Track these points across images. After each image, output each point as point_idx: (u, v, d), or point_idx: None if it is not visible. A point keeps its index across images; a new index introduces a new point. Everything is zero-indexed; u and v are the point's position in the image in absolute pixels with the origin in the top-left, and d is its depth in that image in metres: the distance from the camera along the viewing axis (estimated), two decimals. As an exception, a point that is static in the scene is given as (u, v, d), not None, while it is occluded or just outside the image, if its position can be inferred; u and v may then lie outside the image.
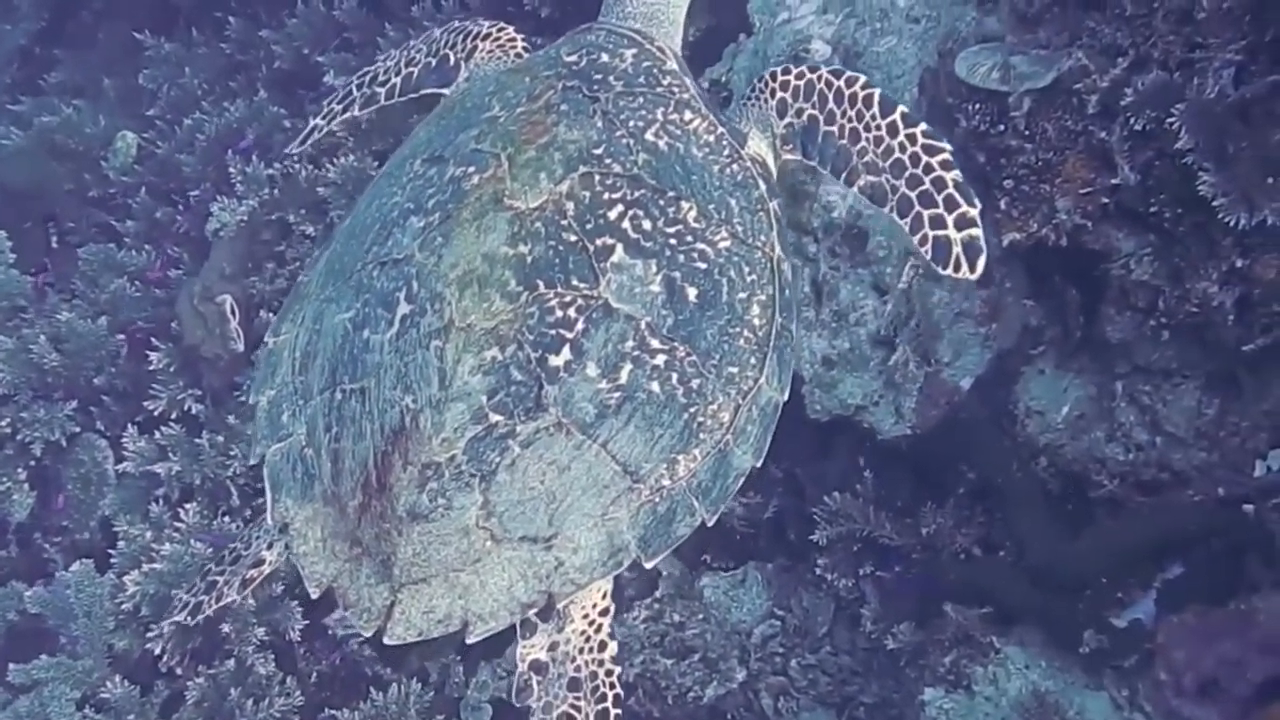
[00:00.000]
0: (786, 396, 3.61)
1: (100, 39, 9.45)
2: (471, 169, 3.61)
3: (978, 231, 3.57)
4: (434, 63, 4.38)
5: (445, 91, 4.31)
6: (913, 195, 3.65)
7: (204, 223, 7.62)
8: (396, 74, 4.51)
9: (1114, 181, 5.18)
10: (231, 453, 6.53)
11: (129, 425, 6.86)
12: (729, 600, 6.17)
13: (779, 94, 3.89)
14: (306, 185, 7.33)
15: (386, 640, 3.38)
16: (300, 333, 3.77)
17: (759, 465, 3.55)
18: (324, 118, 4.74)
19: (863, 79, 3.80)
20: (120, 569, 6.52)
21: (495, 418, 3.33)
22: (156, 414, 6.77)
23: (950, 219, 3.60)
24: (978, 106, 5.33)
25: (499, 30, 4.31)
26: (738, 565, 6.31)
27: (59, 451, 7.07)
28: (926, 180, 3.65)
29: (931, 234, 3.62)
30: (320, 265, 3.90)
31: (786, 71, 3.88)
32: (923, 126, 3.70)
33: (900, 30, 5.60)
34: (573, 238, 3.47)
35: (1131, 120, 5.05)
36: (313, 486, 3.56)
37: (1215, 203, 4.85)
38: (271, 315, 6.84)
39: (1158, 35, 5.12)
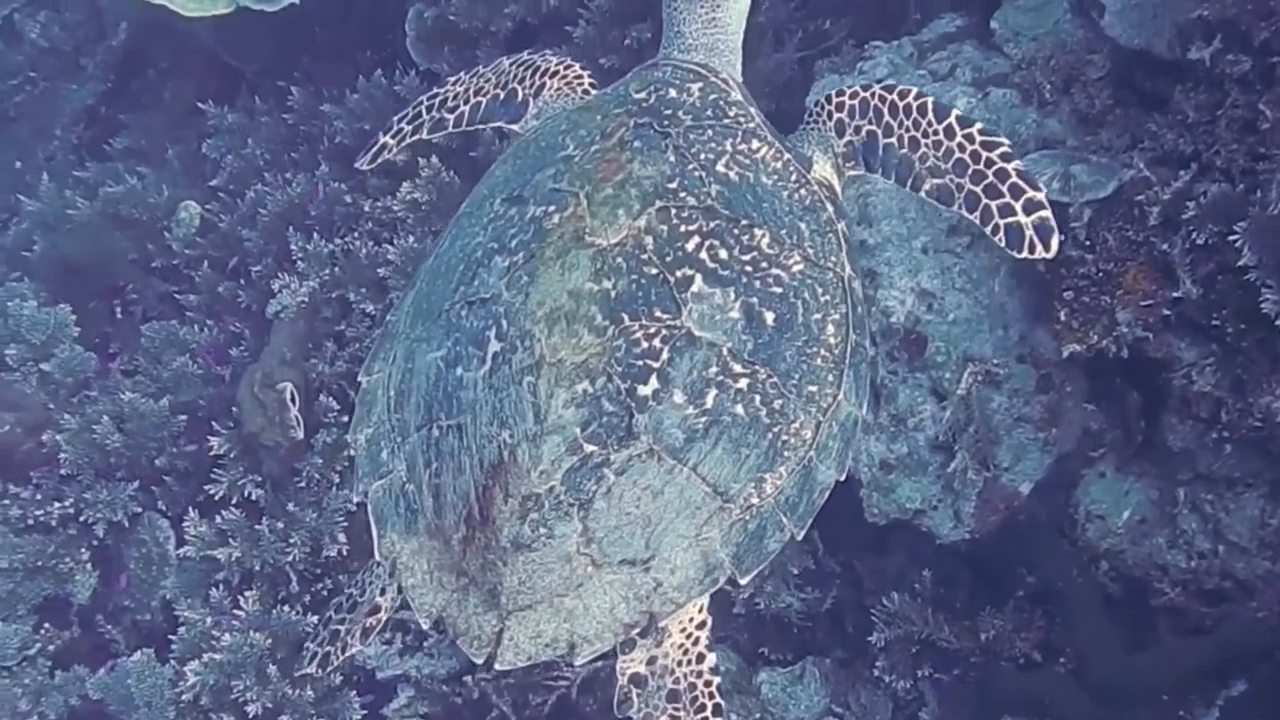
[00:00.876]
0: (865, 411, 3.76)
1: (166, 99, 9.48)
2: (551, 208, 3.72)
3: (1047, 213, 3.75)
4: (502, 95, 4.51)
5: (513, 127, 4.46)
6: (978, 190, 3.82)
7: (265, 298, 7.68)
8: (465, 102, 4.62)
9: (1175, 294, 5.07)
10: (291, 539, 6.54)
11: (190, 507, 6.87)
12: (786, 697, 6.15)
13: (836, 115, 4.05)
14: (367, 263, 7.35)
15: (497, 666, 3.50)
16: (393, 371, 3.89)
17: (842, 479, 3.68)
18: (393, 136, 4.82)
19: (915, 90, 3.97)
20: (181, 656, 6.53)
21: (590, 448, 3.46)
22: (217, 498, 6.73)
23: (1018, 205, 3.78)
24: (1037, 215, 5.22)
25: (566, 68, 4.45)
26: (795, 659, 6.26)
27: (121, 531, 7.05)
28: (990, 174, 3.80)
29: (1002, 222, 3.79)
30: (407, 304, 4.01)
31: (841, 93, 4.05)
32: (979, 125, 3.87)
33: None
34: (653, 270, 3.60)
35: (1193, 234, 5.03)
36: (416, 521, 3.69)
37: (1279, 321, 4.82)
38: (332, 399, 6.95)
39: (1220, 143, 5.10)
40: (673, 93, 3.98)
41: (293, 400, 6.62)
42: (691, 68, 4.08)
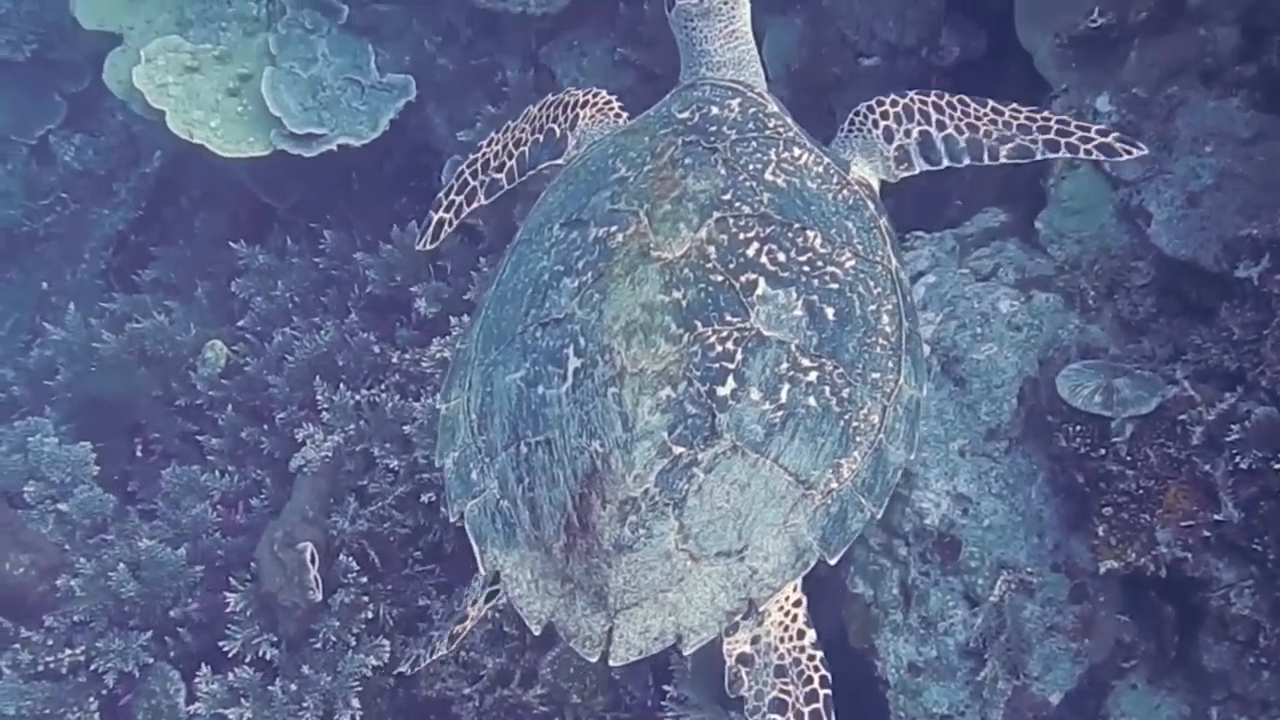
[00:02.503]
0: (925, 392, 4.07)
1: (197, 228, 9.49)
2: (614, 228, 3.96)
3: (1115, 134, 4.44)
4: (541, 139, 4.73)
5: (558, 162, 4.66)
6: (1052, 135, 4.38)
7: (288, 445, 7.64)
8: (509, 157, 4.82)
9: (1216, 517, 4.99)
10: (304, 703, 6.43)
11: (203, 662, 6.74)
12: None
13: (882, 123, 4.41)
14: (393, 418, 7.29)
15: (612, 662, 3.70)
16: (471, 396, 4.10)
17: (912, 457, 3.97)
18: (446, 209, 4.97)
19: (945, 92, 4.46)
20: (186, 817, 6.38)
21: (678, 450, 3.70)
22: (231, 655, 6.63)
23: (1093, 132, 4.39)
24: (1078, 428, 5.23)
25: (595, 96, 4.69)
26: None
27: (131, 682, 6.92)
28: (1052, 123, 4.37)
29: (1089, 146, 4.39)
30: (476, 332, 4.21)
31: (882, 103, 4.42)
32: (1014, 105, 4.45)
33: (1001, 337, 5.51)
34: (719, 278, 3.85)
35: (1237, 456, 4.94)
36: (515, 534, 3.89)
37: (1321, 551, 4.61)
38: (352, 559, 6.88)
39: (1266, 364, 5.03)
40: (714, 110, 4.26)
41: (312, 561, 6.51)
42: (727, 85, 4.37)
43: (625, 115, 4.67)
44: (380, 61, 8.34)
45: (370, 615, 6.56)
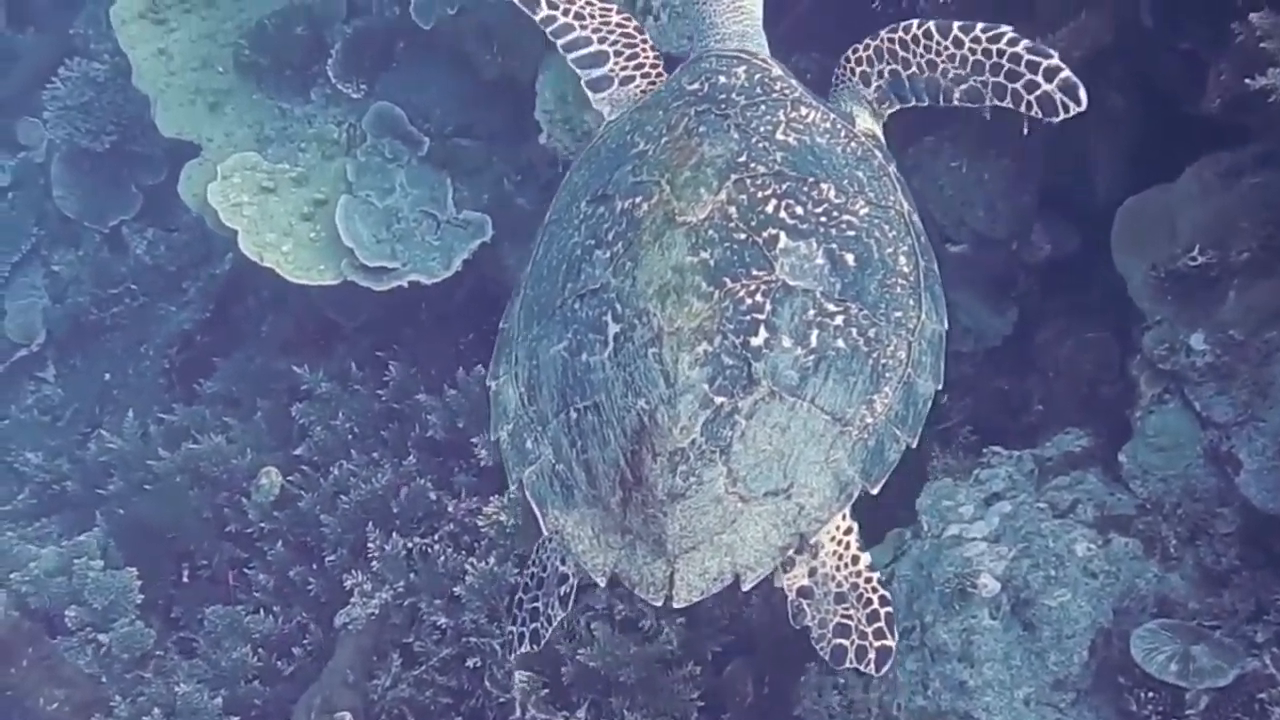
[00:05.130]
0: (946, 325, 4.18)
1: (264, 333, 9.37)
2: (639, 198, 4.10)
3: (1066, 71, 4.11)
4: (594, 53, 4.80)
5: (593, 94, 4.80)
6: (1000, 79, 4.21)
7: (336, 590, 7.52)
8: (572, 34, 4.85)
9: (1290, 802, 4.76)
10: None
11: (235, 820, 6.58)
12: None
13: (858, 69, 4.48)
14: (444, 573, 7.18)
15: (675, 604, 3.87)
16: (518, 371, 4.25)
17: (940, 388, 4.13)
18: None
19: (916, 21, 4.35)
20: None
21: (719, 400, 3.84)
22: (260, 819, 6.49)
23: (1039, 76, 4.14)
24: (1150, 694, 5.05)
25: (658, 74, 4.79)
26: None
27: (159, 832, 6.78)
28: (1004, 61, 4.19)
29: (1031, 98, 4.18)
30: (517, 310, 4.37)
31: (855, 50, 4.47)
32: (980, 25, 4.25)
33: (1076, 583, 5.33)
34: (742, 235, 3.98)
35: (1316, 742, 4.66)
36: (573, 495, 4.04)
37: None
38: (393, 734, 6.50)
39: (1351, 639, 4.73)
40: (722, 79, 4.36)
41: (351, 729, 6.35)
42: (732, 54, 4.47)
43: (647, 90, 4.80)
44: (458, 197, 8.19)
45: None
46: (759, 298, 3.91)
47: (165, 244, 10.21)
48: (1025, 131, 5.22)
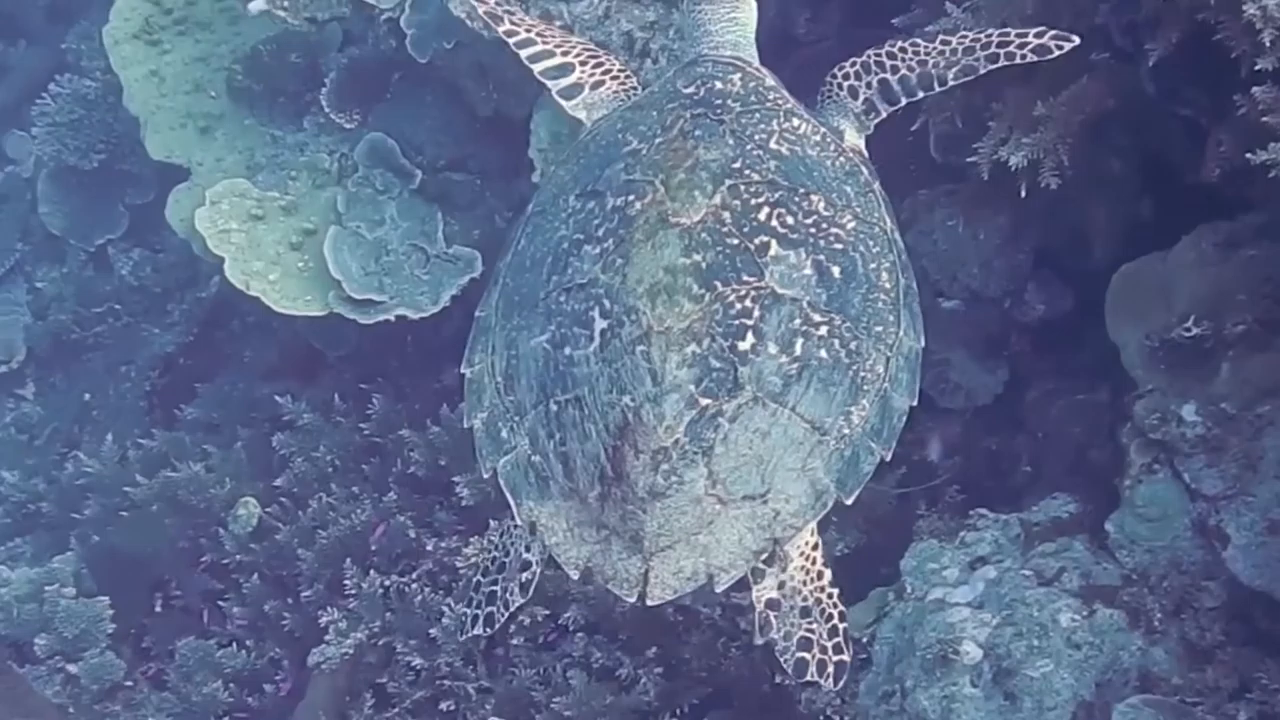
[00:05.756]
0: (923, 343, 4.23)
1: (246, 359, 9.29)
2: (631, 197, 4.13)
3: (1053, 30, 4.47)
4: (559, 65, 4.89)
5: (563, 102, 4.86)
6: (993, 49, 4.46)
7: (310, 625, 7.46)
8: (535, 47, 4.96)
9: None
10: None
11: None
12: None
13: (846, 84, 4.60)
14: (420, 612, 7.12)
15: (649, 602, 3.92)
16: (495, 360, 4.27)
17: (915, 404, 4.13)
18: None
19: (898, 40, 4.61)
20: None
21: (705, 401, 3.88)
22: None
23: (1030, 36, 4.47)
24: (1132, 772, 4.90)
25: (628, 76, 4.88)
26: None
27: None
28: (992, 38, 4.47)
29: (1024, 53, 4.45)
30: (495, 299, 4.39)
31: (843, 68, 4.62)
32: (959, 32, 4.57)
33: (1059, 654, 5.28)
34: (735, 241, 4.03)
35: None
36: (548, 487, 4.06)
37: None
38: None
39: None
40: (718, 84, 4.42)
41: (320, 775, 6.26)
42: (727, 61, 4.55)
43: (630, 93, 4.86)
44: (448, 231, 8.13)
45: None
46: (748, 303, 3.97)
47: (151, 265, 10.09)
48: (1023, 193, 5.20)
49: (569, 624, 6.72)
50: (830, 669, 4.19)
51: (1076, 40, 4.43)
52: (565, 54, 4.89)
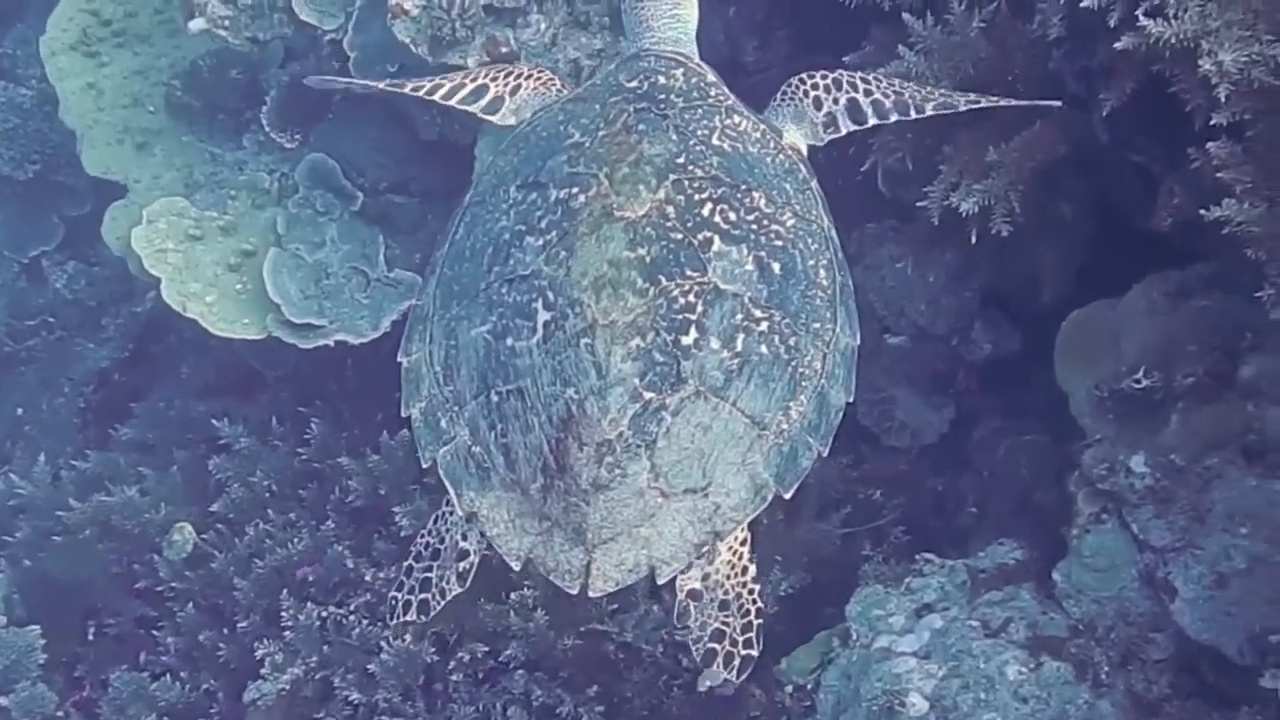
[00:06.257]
0: (859, 340, 4.39)
1: (183, 376, 9.13)
2: (575, 189, 4.24)
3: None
4: (474, 89, 4.99)
5: (490, 117, 5.01)
6: (971, 97, 4.91)
7: (246, 657, 7.33)
8: (444, 88, 5.08)
9: None
10: None
11: None
12: None
13: (813, 93, 4.75)
14: (358, 645, 6.99)
15: (591, 593, 4.05)
16: (433, 349, 4.37)
17: (850, 400, 4.29)
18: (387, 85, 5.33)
19: (873, 73, 4.92)
20: None
21: (648, 395, 4.00)
22: None
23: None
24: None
25: (540, 72, 5.03)
26: None
27: None
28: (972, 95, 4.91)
29: (1003, 103, 4.97)
30: (433, 289, 4.48)
31: (812, 77, 4.78)
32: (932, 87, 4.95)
33: (1006, 707, 5.26)
34: (679, 236, 4.14)
35: None
36: (489, 478, 4.18)
37: None
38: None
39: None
40: (661, 79, 4.55)
41: (253, 816, 6.14)
42: (670, 56, 4.69)
43: (564, 91, 4.94)
44: (389, 255, 7.99)
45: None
46: (692, 298, 4.06)
47: (86, 278, 9.92)
48: (973, 239, 5.13)
49: (509, 661, 6.60)
50: (736, 662, 4.28)
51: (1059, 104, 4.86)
52: (475, 80, 4.99)
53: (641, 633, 6.55)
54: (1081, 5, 4.85)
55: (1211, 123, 4.72)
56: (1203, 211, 4.71)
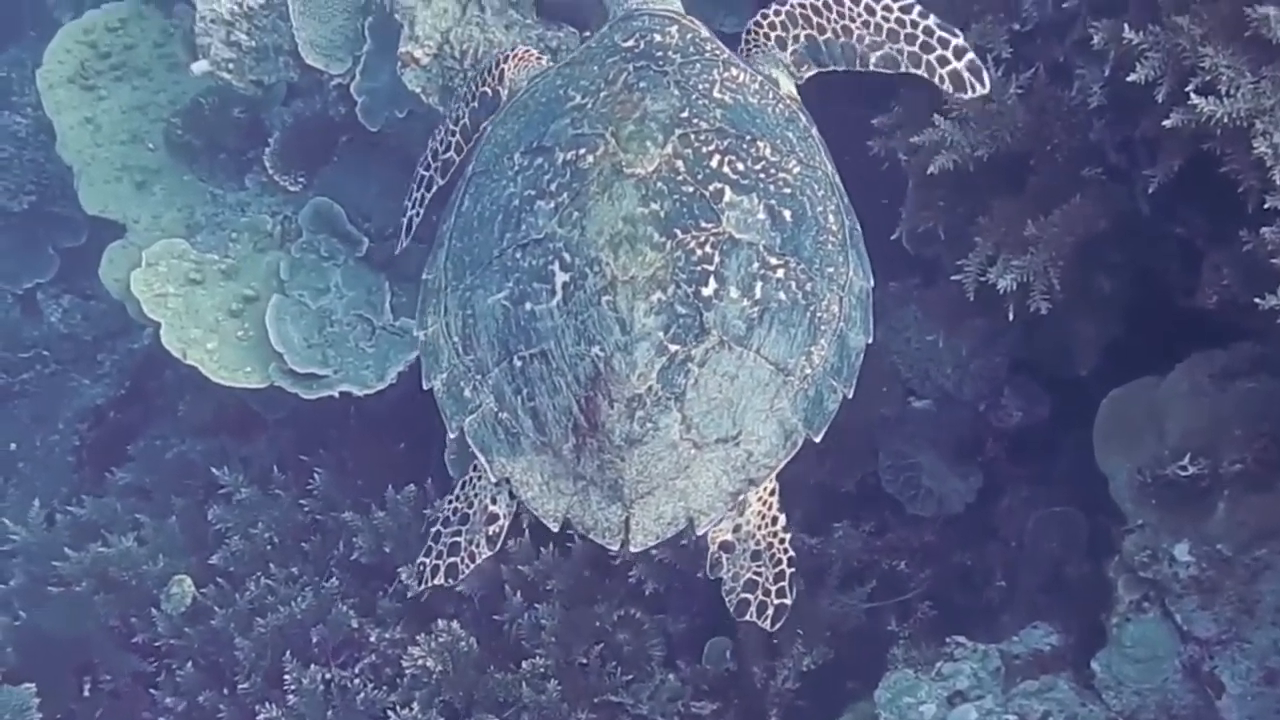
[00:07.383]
0: (872, 283, 4.42)
1: (180, 414, 8.89)
2: (582, 150, 4.22)
3: (972, 55, 4.56)
4: (477, 104, 5.02)
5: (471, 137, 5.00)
6: (915, 49, 4.52)
7: (247, 719, 7.13)
8: (453, 135, 5.17)
9: None
10: None
11: None
12: None
13: (773, 33, 4.66)
14: (363, 709, 6.78)
15: (632, 549, 4.15)
16: (450, 320, 4.38)
17: (870, 341, 4.35)
18: (417, 204, 5.55)
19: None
20: None
21: (674, 348, 4.04)
22: None
23: (950, 53, 4.52)
24: None
25: (516, 49, 4.99)
26: None
27: None
28: (918, 33, 4.52)
29: (944, 72, 4.55)
30: (443, 262, 4.50)
31: (766, 15, 4.66)
32: (887, 2, 4.56)
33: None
34: (690, 188, 4.15)
35: None
36: (519, 442, 4.21)
37: None
38: None
39: None
40: (657, 37, 4.52)
41: None
42: (662, 14, 4.63)
43: (544, 62, 4.95)
44: (395, 302, 7.75)
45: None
46: (708, 249, 4.08)
47: (82, 313, 9.74)
48: (1010, 316, 4.91)
49: (520, 733, 6.37)
50: (770, 611, 4.39)
51: (987, 89, 4.63)
52: (469, 102, 5.11)
53: (658, 704, 6.36)
54: (1128, 79, 4.67)
55: (1266, 206, 4.49)
56: (1258, 301, 4.47)
